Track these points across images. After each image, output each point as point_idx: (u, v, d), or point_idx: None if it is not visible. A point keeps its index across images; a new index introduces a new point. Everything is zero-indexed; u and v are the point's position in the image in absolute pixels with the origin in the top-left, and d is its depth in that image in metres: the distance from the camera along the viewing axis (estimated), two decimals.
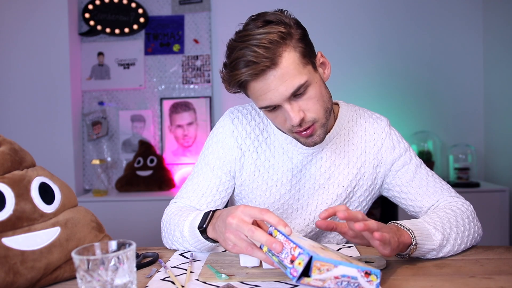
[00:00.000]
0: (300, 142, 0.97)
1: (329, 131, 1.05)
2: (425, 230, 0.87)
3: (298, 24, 0.91)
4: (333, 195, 1.07)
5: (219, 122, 1.10)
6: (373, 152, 1.08)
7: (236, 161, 1.07)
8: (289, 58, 0.87)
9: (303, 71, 0.88)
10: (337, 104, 1.12)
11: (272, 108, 0.91)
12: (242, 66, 0.86)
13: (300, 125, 0.91)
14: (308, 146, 0.97)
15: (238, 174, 1.08)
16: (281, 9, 0.92)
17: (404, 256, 0.86)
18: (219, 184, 1.07)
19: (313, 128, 0.93)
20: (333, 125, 1.07)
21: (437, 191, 1.05)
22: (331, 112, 0.97)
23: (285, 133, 0.98)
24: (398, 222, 0.87)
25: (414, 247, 0.83)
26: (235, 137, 1.06)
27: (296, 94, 0.88)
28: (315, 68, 0.93)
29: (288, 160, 1.06)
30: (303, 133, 0.93)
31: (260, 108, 0.93)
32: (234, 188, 1.10)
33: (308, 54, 0.90)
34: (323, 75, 0.96)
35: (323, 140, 0.96)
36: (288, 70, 0.86)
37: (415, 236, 0.84)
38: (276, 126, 0.98)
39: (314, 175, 1.07)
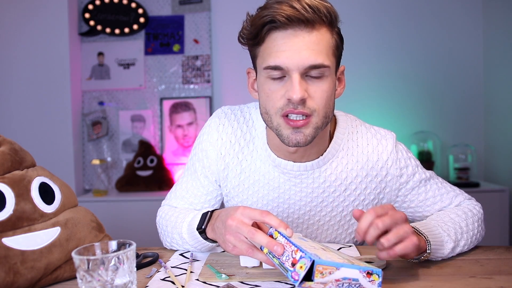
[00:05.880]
0: (283, 136, 0.85)
1: (322, 154, 0.95)
2: (439, 238, 0.85)
3: (340, 31, 0.89)
4: (326, 217, 1.01)
5: (205, 126, 1.03)
6: (375, 180, 0.98)
7: (220, 172, 1.01)
8: (325, 37, 0.82)
9: (329, 57, 0.83)
10: (334, 116, 1.01)
11: (277, 77, 0.83)
12: (281, 4, 0.79)
13: (296, 106, 0.82)
14: (288, 144, 0.85)
15: (223, 184, 1.03)
16: None
17: (412, 260, 0.84)
18: (207, 193, 1.04)
19: (307, 121, 0.83)
20: (328, 146, 0.96)
21: (450, 198, 1.02)
22: (328, 122, 0.88)
23: (271, 120, 0.86)
24: (414, 225, 0.84)
25: (427, 254, 0.82)
26: (219, 148, 0.99)
27: (311, 75, 0.82)
28: (335, 72, 0.88)
29: (273, 179, 0.97)
30: (294, 119, 0.83)
31: (267, 67, 0.82)
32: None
33: (338, 55, 0.87)
34: (336, 90, 0.92)
35: (307, 144, 0.86)
36: (319, 44, 0.81)
37: (430, 245, 0.82)
38: (264, 108, 0.87)
39: (305, 198, 0.98)
